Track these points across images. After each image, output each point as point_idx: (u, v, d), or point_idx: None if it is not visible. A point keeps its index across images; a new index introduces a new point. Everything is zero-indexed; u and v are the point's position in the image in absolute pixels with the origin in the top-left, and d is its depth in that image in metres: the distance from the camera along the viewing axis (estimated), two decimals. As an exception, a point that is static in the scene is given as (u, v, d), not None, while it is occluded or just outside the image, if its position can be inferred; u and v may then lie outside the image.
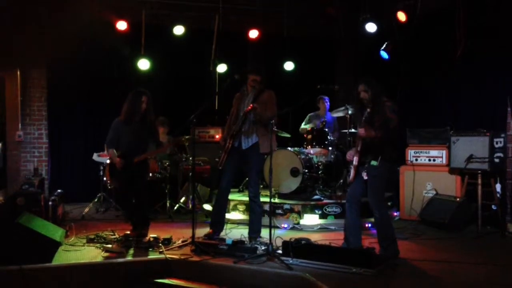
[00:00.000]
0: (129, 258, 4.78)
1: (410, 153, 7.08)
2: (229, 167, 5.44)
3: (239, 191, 7.49)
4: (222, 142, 5.56)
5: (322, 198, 6.68)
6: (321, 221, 6.32)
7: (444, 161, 6.78)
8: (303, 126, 7.84)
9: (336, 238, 5.31)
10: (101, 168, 7.40)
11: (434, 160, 6.90)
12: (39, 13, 7.56)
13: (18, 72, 8.06)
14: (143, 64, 8.06)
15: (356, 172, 4.79)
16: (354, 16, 8.21)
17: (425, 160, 6.96)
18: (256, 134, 5.35)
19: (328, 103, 7.94)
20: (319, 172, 7.08)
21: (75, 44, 7.48)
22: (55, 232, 5.03)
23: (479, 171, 6.07)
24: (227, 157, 5.39)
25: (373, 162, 4.67)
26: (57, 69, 7.97)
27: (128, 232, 5.46)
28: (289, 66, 8.70)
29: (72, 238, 5.48)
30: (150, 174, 6.92)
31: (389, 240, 4.76)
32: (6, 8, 7.32)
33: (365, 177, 4.72)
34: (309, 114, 8.04)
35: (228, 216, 6.51)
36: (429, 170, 6.89)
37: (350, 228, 4.87)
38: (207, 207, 7.15)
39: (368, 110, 4.72)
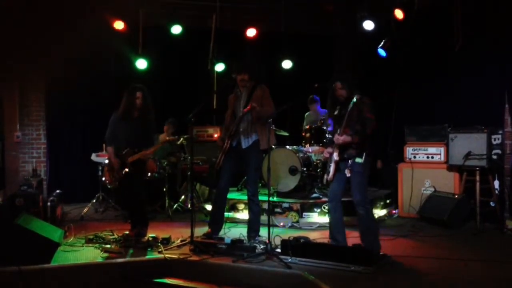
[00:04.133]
0: (128, 258, 4.78)
1: (409, 151, 7.09)
2: (227, 166, 5.43)
3: (238, 190, 7.49)
4: (220, 143, 5.54)
5: (321, 196, 6.68)
6: (320, 220, 6.32)
7: (443, 158, 6.79)
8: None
9: (335, 236, 5.31)
10: (100, 168, 7.41)
11: (432, 157, 6.91)
12: (38, 14, 7.56)
13: (17, 73, 8.05)
14: (141, 64, 8.05)
15: (336, 168, 4.76)
16: (351, 14, 8.20)
17: (423, 157, 6.97)
18: (255, 132, 5.34)
19: (319, 102, 7.93)
20: (318, 170, 7.07)
21: (73, 45, 7.48)
22: (54, 233, 5.04)
23: (477, 168, 6.08)
24: (225, 157, 5.38)
25: (358, 159, 4.64)
26: (55, 69, 7.95)
27: (127, 232, 5.46)
28: (287, 64, 8.68)
29: (71, 239, 5.48)
30: (149, 174, 6.93)
31: (373, 235, 4.77)
32: (6, 11, 7.33)
33: (348, 174, 4.67)
34: (306, 114, 8.05)
35: (227, 215, 6.51)
36: (427, 167, 6.90)
37: (337, 227, 4.87)
38: (207, 206, 7.15)
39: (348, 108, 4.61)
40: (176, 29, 8.17)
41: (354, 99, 4.54)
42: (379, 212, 6.77)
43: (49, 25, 7.67)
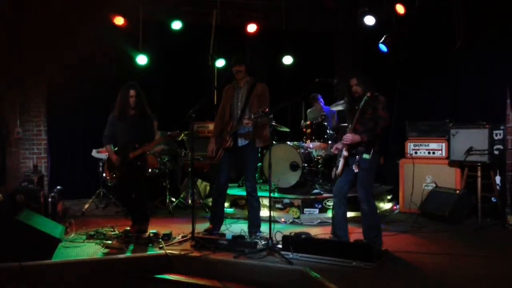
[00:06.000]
0: (129, 254, 4.78)
1: (410, 146, 7.08)
2: (226, 163, 5.42)
3: (239, 186, 7.48)
4: (215, 138, 5.51)
5: (322, 192, 6.67)
6: (321, 215, 6.32)
7: (444, 154, 6.78)
8: (303, 123, 7.86)
9: (336, 232, 5.31)
10: (100, 164, 7.40)
11: (433, 153, 6.90)
12: (38, 13, 7.55)
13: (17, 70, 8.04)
14: (141, 60, 8.04)
15: (345, 164, 4.75)
16: (352, 9, 8.18)
17: (424, 153, 6.96)
18: (252, 133, 5.32)
19: (322, 100, 7.91)
20: (319, 166, 7.07)
21: (73, 41, 7.46)
22: (55, 229, 5.03)
23: (479, 164, 6.07)
24: (223, 153, 5.38)
25: (365, 155, 4.63)
26: (55, 66, 7.93)
27: (128, 228, 5.46)
28: (288, 60, 8.67)
29: (72, 235, 5.48)
30: (150, 170, 6.93)
31: (376, 231, 4.76)
32: (7, 10, 7.33)
33: (356, 170, 4.66)
34: (308, 110, 8.03)
35: (227, 211, 6.52)
36: (428, 163, 6.89)
37: (339, 222, 4.86)
38: (208, 202, 7.16)
39: (361, 104, 4.61)
40: (177, 25, 8.16)
41: (366, 97, 4.53)
42: (380, 208, 6.77)
43: (49, 23, 7.65)
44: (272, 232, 4.81)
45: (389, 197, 7.19)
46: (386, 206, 7.01)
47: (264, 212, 5.74)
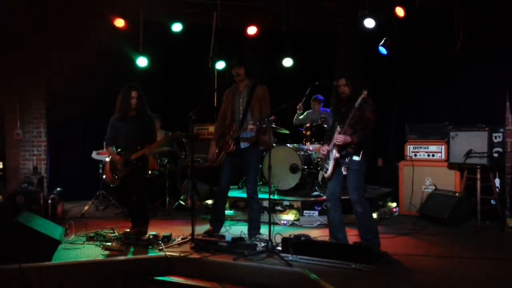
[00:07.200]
0: (129, 256, 4.79)
1: (409, 149, 7.09)
2: (228, 165, 5.43)
3: (239, 188, 7.49)
4: (217, 140, 5.51)
5: (322, 194, 6.68)
6: (321, 217, 6.32)
7: (443, 156, 6.79)
8: (300, 117, 7.84)
9: (335, 234, 5.31)
10: (100, 166, 7.40)
11: (433, 155, 6.91)
12: (39, 14, 7.55)
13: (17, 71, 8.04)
14: (142, 62, 8.05)
15: (335, 166, 4.75)
16: (352, 12, 8.19)
17: (424, 155, 6.97)
18: (255, 137, 5.33)
19: (323, 101, 7.90)
20: (318, 168, 7.05)
21: (73, 43, 7.47)
22: (55, 231, 5.04)
23: (478, 166, 6.08)
24: (226, 156, 5.38)
25: (355, 157, 4.65)
26: (55, 67, 7.93)
27: (128, 230, 5.46)
28: (288, 62, 8.67)
29: (72, 237, 5.48)
30: (150, 172, 6.93)
31: (372, 232, 4.76)
32: (7, 10, 7.32)
33: (345, 172, 4.66)
34: (307, 111, 8.03)
35: (227, 213, 6.52)
36: (428, 166, 6.90)
37: (337, 225, 4.86)
38: (209, 202, 7.16)
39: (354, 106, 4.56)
40: (177, 27, 8.18)
41: (360, 99, 4.51)
42: (380, 210, 6.77)
43: (49, 24, 7.66)
44: (272, 234, 4.82)
45: (388, 199, 7.20)
46: (385, 208, 7.01)
47: (264, 214, 5.75)
